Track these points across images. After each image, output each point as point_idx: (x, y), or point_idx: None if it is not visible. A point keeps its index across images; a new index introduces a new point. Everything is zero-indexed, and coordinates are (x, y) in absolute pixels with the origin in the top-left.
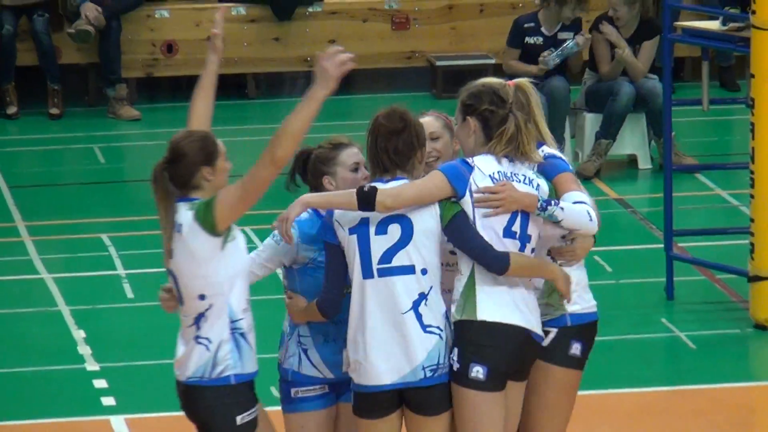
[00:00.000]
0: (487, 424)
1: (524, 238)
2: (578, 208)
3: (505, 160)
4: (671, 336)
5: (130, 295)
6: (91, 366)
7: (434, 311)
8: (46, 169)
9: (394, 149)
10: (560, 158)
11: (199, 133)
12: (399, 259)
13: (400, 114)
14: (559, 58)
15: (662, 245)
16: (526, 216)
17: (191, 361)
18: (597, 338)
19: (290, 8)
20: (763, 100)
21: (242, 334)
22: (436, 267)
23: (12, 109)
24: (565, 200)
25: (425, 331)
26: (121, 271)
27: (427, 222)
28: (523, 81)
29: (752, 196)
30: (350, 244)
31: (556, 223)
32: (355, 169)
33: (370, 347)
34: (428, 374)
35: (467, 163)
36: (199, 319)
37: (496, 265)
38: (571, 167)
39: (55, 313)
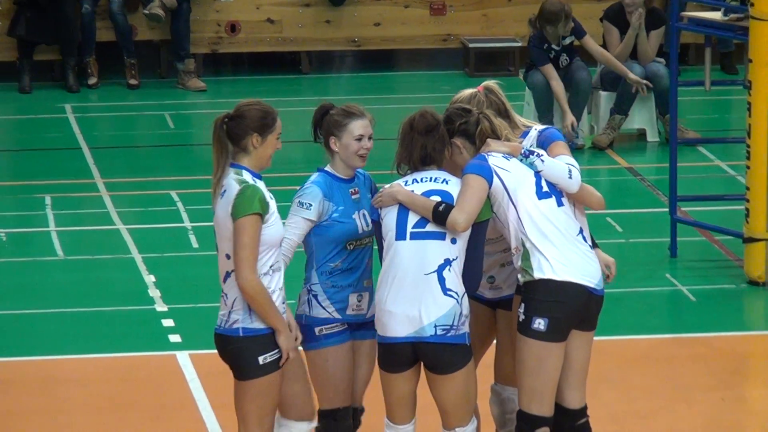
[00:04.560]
0: (544, 369)
1: (557, 194)
2: (560, 164)
3: None
4: (674, 289)
5: (195, 245)
6: (160, 307)
7: (456, 278)
8: (122, 132)
9: (432, 146)
10: (552, 128)
11: (264, 105)
12: (433, 225)
13: (431, 114)
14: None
15: (667, 209)
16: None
17: (219, 312)
18: (607, 290)
19: None
20: (759, 82)
21: None
22: (465, 241)
23: (92, 80)
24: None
25: (445, 294)
26: (187, 224)
27: None
28: (491, 84)
29: (748, 167)
30: (389, 212)
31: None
32: (359, 139)
33: (391, 302)
34: (439, 332)
35: (483, 156)
36: (226, 276)
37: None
38: (562, 136)
39: (129, 259)
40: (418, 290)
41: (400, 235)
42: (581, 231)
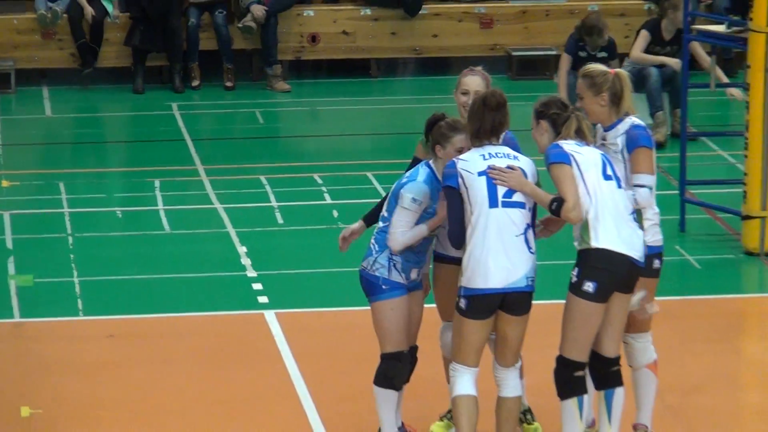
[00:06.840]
0: (587, 324)
1: (617, 179)
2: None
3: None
4: (682, 259)
5: (280, 221)
6: (251, 273)
7: (533, 239)
8: (220, 127)
9: (499, 122)
10: (643, 130)
11: None
12: (517, 196)
13: (499, 93)
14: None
15: (678, 191)
16: (610, 162)
17: None
18: None
19: (417, 7)
20: (756, 84)
21: None
22: (531, 209)
23: (195, 82)
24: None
25: (530, 252)
26: (273, 203)
27: (530, 177)
28: (623, 73)
29: (746, 156)
30: (477, 182)
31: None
32: (459, 151)
33: (489, 260)
34: (529, 282)
35: (557, 144)
36: None
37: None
38: (650, 142)
39: (224, 233)
40: (512, 249)
41: (493, 203)
42: (634, 212)
